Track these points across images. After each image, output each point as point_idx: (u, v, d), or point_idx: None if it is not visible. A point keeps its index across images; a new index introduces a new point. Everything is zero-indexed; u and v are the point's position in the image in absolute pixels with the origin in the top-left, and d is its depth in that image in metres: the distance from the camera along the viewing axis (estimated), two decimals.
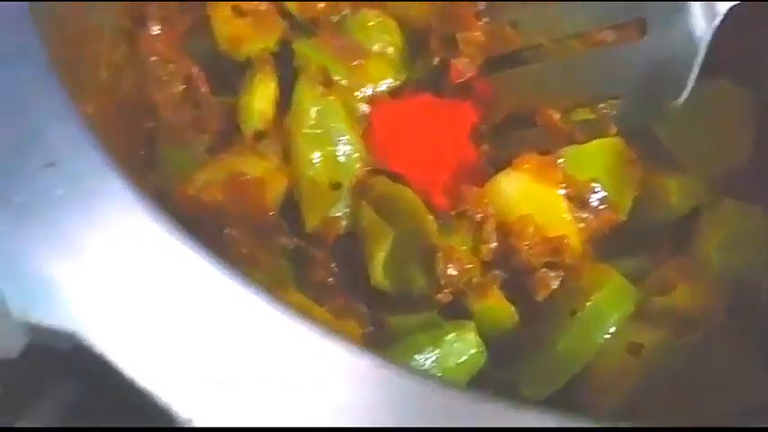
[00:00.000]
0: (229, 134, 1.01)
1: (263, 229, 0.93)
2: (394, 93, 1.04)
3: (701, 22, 0.88)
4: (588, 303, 0.87)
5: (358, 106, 1.01)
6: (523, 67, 0.97)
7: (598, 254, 0.95)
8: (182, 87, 1.01)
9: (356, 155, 0.99)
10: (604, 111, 0.94)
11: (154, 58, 1.01)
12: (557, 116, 0.94)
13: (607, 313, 0.87)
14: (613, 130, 0.93)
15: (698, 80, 0.99)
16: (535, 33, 0.96)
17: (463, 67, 1.00)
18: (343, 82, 1.01)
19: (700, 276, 0.91)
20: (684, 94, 0.89)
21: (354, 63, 1.02)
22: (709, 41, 0.91)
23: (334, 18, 1.07)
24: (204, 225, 0.91)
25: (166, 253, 0.62)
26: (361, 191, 0.98)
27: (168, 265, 0.61)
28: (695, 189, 0.98)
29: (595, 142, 0.94)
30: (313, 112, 0.98)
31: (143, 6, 1.02)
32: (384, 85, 1.03)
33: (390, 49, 1.06)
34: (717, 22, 0.87)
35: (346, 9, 1.08)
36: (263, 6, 1.06)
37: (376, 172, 0.99)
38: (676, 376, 0.87)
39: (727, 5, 0.87)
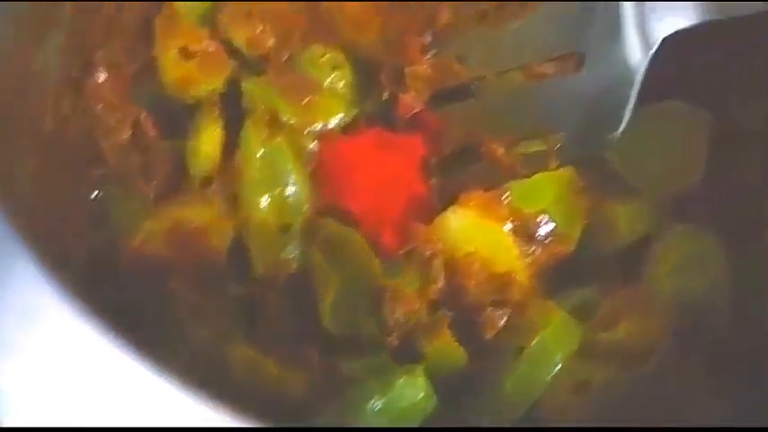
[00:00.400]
0: (178, 179, 1.01)
1: (210, 279, 0.93)
2: (345, 128, 1.04)
3: (637, 53, 0.88)
4: (534, 341, 0.87)
5: (307, 145, 1.01)
6: (469, 101, 0.97)
7: (547, 287, 0.95)
8: (129, 134, 1.00)
9: (304, 195, 0.99)
10: (549, 143, 0.93)
11: (100, 106, 1.01)
12: (500, 150, 0.94)
13: (553, 351, 0.87)
14: (554, 163, 0.92)
15: (650, 100, 0.99)
16: (480, 66, 0.95)
17: (411, 101, 1.00)
18: (292, 120, 1.00)
19: (649, 305, 0.91)
20: (623, 125, 0.89)
21: (305, 101, 1.02)
22: (647, 70, 0.91)
23: (284, 55, 1.06)
24: (149, 278, 0.91)
25: (81, 344, 0.61)
26: (310, 232, 0.98)
27: (84, 359, 0.61)
28: (645, 215, 0.98)
29: (542, 174, 0.94)
30: (259, 154, 0.97)
31: (89, 52, 1.01)
32: (334, 121, 1.03)
33: (341, 84, 1.05)
34: (652, 51, 0.87)
35: (297, 44, 1.08)
36: (212, 47, 1.05)
37: (325, 212, 0.99)
38: (626, 408, 0.87)
39: (662, 34, 0.86)
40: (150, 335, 0.86)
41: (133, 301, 0.92)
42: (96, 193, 1.01)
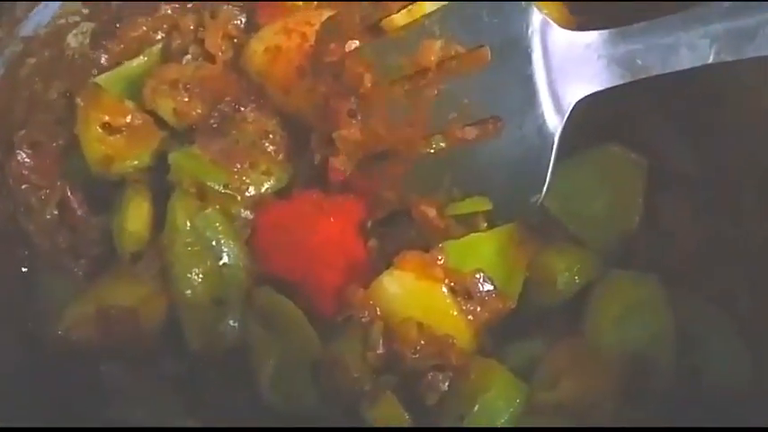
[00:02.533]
0: (109, 256, 0.99)
1: (143, 359, 0.90)
2: (279, 193, 1.02)
3: (553, 117, 0.88)
4: (476, 408, 0.85)
5: (240, 213, 0.99)
6: (396, 163, 0.96)
7: (490, 344, 0.93)
8: (55, 213, 0.98)
9: (240, 265, 0.97)
10: (477, 206, 0.92)
11: (24, 186, 0.98)
12: (432, 212, 0.93)
13: (494, 416, 0.85)
14: (483, 225, 0.91)
15: (589, 147, 0.99)
16: (404, 130, 0.94)
17: (340, 165, 0.99)
18: (223, 189, 0.98)
19: (590, 361, 0.89)
20: (544, 189, 0.89)
21: (236, 168, 1.00)
22: (561, 134, 0.90)
23: (214, 122, 1.05)
24: (81, 362, 0.88)
25: None
26: (247, 304, 0.95)
27: None
28: (585, 265, 0.97)
29: (476, 234, 0.93)
30: (188, 227, 0.96)
31: (9, 133, 0.99)
32: (267, 186, 1.01)
33: (272, 149, 1.04)
34: (567, 115, 0.87)
35: (226, 111, 1.06)
36: (139, 119, 1.03)
37: (263, 280, 0.97)
38: None
39: (574, 99, 0.86)
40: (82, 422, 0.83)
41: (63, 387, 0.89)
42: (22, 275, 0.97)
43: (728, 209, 1.00)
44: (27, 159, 0.99)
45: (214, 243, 0.96)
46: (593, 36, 0.85)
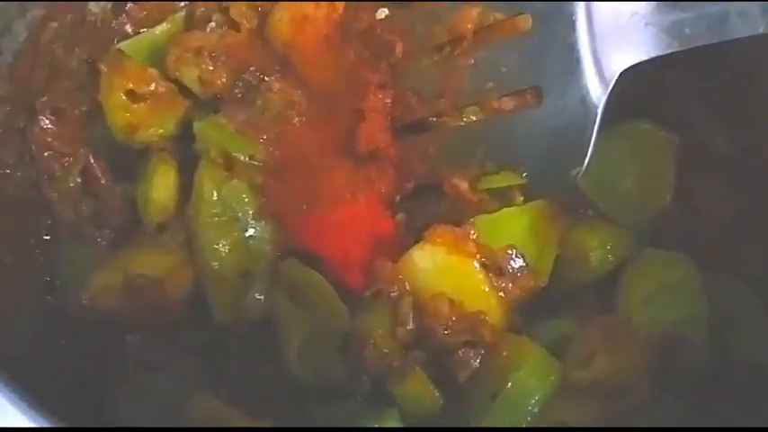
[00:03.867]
0: (133, 225, 0.97)
1: (169, 330, 0.88)
2: None
3: (596, 87, 0.85)
4: (508, 385, 0.83)
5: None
6: (427, 135, 0.94)
7: (522, 320, 0.91)
8: (78, 181, 0.96)
9: (266, 237, 0.94)
10: (512, 180, 0.90)
11: (47, 153, 0.96)
12: (464, 186, 0.91)
13: (528, 394, 0.84)
14: (519, 199, 0.89)
15: (620, 124, 0.97)
16: (436, 101, 0.92)
17: (370, 136, 0.97)
18: (249, 159, 0.96)
19: (624, 340, 0.88)
20: (586, 161, 0.86)
21: (262, 138, 0.98)
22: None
23: (239, 92, 1.02)
24: (105, 332, 0.87)
25: None
26: (274, 275, 0.93)
27: None
28: (617, 243, 0.95)
29: (508, 209, 0.91)
30: (215, 197, 0.94)
31: (32, 98, 0.97)
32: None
33: (297, 120, 1.01)
34: (611, 85, 0.84)
35: (251, 81, 1.04)
36: (163, 88, 1.01)
37: (289, 253, 0.95)
38: None
39: (618, 69, 0.84)
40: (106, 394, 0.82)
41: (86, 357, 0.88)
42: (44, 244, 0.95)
43: (763, 188, 0.97)
44: (50, 126, 0.97)
45: (240, 215, 0.94)
46: (640, 3, 0.82)
